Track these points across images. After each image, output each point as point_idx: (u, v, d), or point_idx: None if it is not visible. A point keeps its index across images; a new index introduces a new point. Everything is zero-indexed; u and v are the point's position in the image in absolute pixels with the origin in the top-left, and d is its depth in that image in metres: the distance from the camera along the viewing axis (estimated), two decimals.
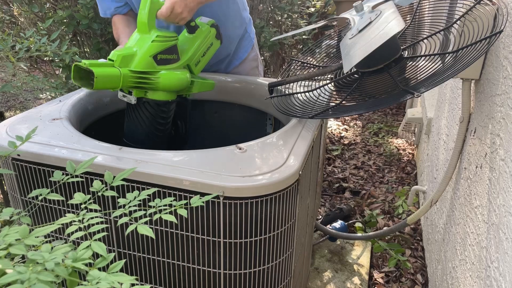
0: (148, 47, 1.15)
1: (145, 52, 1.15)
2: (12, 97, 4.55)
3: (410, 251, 2.06)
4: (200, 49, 1.34)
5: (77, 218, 0.56)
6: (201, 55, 1.36)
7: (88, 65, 1.03)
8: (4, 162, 1.01)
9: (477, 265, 1.06)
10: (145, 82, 1.16)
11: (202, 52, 1.36)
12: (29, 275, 0.41)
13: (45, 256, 0.44)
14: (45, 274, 0.42)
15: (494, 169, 0.98)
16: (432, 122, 2.26)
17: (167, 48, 1.20)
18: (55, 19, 2.28)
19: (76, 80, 1.07)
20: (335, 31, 1.56)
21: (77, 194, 0.63)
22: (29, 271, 0.41)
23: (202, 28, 1.35)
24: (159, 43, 1.17)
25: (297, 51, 3.84)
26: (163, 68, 1.19)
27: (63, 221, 0.54)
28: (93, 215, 0.56)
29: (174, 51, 1.23)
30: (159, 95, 1.22)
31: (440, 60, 1.09)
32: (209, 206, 0.87)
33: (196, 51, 1.33)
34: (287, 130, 1.11)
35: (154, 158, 0.92)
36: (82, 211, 0.58)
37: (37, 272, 0.42)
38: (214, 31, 1.39)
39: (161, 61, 1.18)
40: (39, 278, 0.41)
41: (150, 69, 1.16)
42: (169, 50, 1.21)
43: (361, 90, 1.19)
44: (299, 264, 1.20)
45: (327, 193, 2.63)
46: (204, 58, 1.37)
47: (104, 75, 1.05)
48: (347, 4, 4.04)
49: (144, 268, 1.00)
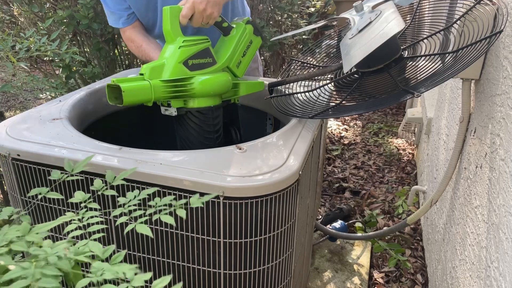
0: (176, 54, 1.11)
1: (175, 59, 1.10)
2: (12, 97, 4.55)
3: (410, 251, 2.05)
4: (238, 49, 1.27)
5: (77, 217, 0.56)
6: (241, 55, 1.29)
7: (116, 82, 1.01)
8: (4, 162, 1.01)
9: (477, 265, 1.06)
10: (180, 91, 1.11)
11: (241, 52, 1.29)
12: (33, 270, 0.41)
13: (47, 251, 0.44)
14: (49, 268, 0.42)
15: (494, 169, 0.98)
16: (432, 122, 2.26)
17: (197, 52, 1.14)
18: (55, 19, 2.28)
19: (111, 100, 1.05)
20: (335, 31, 1.56)
21: (78, 193, 0.62)
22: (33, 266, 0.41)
23: (237, 27, 1.29)
24: (187, 48, 1.12)
25: (297, 51, 3.84)
26: (197, 73, 1.14)
27: (63, 219, 0.54)
28: (92, 214, 0.56)
29: (208, 54, 1.17)
30: (200, 102, 1.16)
31: (440, 60, 1.09)
32: (209, 206, 0.87)
33: (234, 52, 1.26)
34: (287, 130, 1.11)
35: (154, 158, 0.92)
36: (82, 210, 0.58)
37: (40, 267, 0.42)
38: (251, 27, 1.31)
39: (193, 67, 1.13)
40: (43, 273, 0.41)
41: (183, 76, 1.11)
42: (201, 54, 1.15)
43: (361, 90, 1.19)
44: (299, 264, 1.20)
45: (327, 193, 2.63)
46: (246, 58, 1.30)
47: (132, 88, 1.02)
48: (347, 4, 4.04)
49: (144, 268, 1.00)
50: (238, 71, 1.28)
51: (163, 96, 1.09)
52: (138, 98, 1.04)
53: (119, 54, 2.78)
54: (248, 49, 1.31)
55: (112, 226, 0.97)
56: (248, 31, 1.30)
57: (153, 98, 1.06)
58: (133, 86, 1.03)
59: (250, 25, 1.31)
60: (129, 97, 1.01)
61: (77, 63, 2.56)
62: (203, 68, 1.16)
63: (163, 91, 1.08)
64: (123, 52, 2.81)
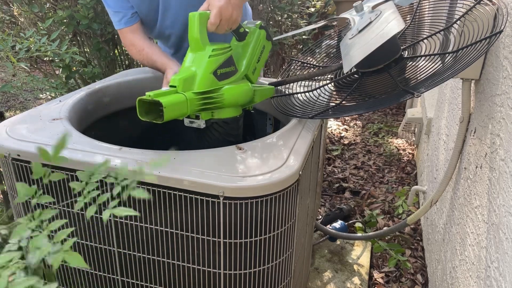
0: (206, 64, 1.06)
1: (205, 70, 1.06)
2: (12, 97, 4.55)
3: (410, 251, 2.06)
4: (254, 55, 1.25)
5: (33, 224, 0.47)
6: (256, 61, 1.26)
7: (153, 96, 0.94)
8: (4, 162, 1.01)
9: (477, 265, 1.06)
10: (211, 102, 1.07)
11: (256, 57, 1.26)
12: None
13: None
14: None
15: (494, 169, 0.98)
16: (432, 122, 2.26)
17: (224, 61, 1.11)
18: (55, 19, 2.28)
19: (142, 115, 0.97)
20: (335, 31, 1.56)
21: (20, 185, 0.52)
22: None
23: (251, 32, 1.26)
24: (217, 57, 1.09)
25: (297, 51, 3.84)
26: (224, 83, 1.10)
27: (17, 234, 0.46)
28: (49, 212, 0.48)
29: (232, 62, 1.14)
30: (226, 112, 1.13)
31: (440, 60, 1.09)
32: (209, 206, 0.87)
33: (251, 58, 1.24)
34: (287, 130, 1.11)
35: (154, 158, 0.92)
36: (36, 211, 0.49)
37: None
38: (264, 32, 1.28)
39: (221, 76, 1.10)
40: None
41: (213, 87, 1.07)
42: (227, 63, 1.12)
43: (361, 90, 1.19)
44: (299, 264, 1.20)
45: (327, 193, 2.63)
46: (259, 63, 1.27)
47: (172, 103, 0.96)
48: (347, 4, 4.04)
49: (144, 268, 1.00)
50: (253, 77, 1.25)
51: (195, 109, 1.04)
52: (176, 113, 0.98)
53: (119, 54, 2.78)
54: (262, 55, 1.28)
55: (112, 227, 0.97)
56: (262, 36, 1.27)
57: (188, 112, 1.01)
58: (173, 101, 0.96)
59: (263, 30, 1.28)
60: (169, 113, 0.94)
61: (77, 63, 2.56)
62: (229, 77, 1.12)
63: (196, 104, 1.03)
64: (123, 52, 2.81)
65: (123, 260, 1.01)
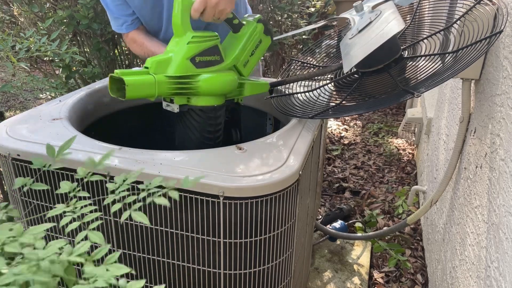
0: (184, 50, 1.07)
1: (181, 55, 1.07)
2: (12, 97, 4.55)
3: (410, 251, 2.06)
4: (247, 47, 1.23)
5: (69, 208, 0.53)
6: (249, 54, 1.24)
7: (119, 74, 0.98)
8: (4, 162, 1.01)
9: (477, 265, 1.06)
10: (185, 88, 1.08)
11: (250, 51, 1.24)
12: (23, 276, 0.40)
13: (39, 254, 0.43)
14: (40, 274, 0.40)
15: (494, 169, 0.98)
16: (432, 122, 2.26)
17: (206, 49, 1.10)
18: (55, 19, 2.28)
19: (113, 92, 1.02)
20: (335, 31, 1.56)
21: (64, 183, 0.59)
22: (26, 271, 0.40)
23: (247, 25, 1.25)
24: (196, 44, 1.09)
25: (297, 51, 3.84)
26: (204, 71, 1.10)
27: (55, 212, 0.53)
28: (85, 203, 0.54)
29: (216, 52, 1.14)
30: (203, 100, 1.13)
31: (440, 60, 1.09)
32: (209, 206, 0.87)
33: (243, 50, 1.22)
34: (287, 130, 1.11)
35: (154, 158, 0.92)
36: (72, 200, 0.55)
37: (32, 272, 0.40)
38: (261, 26, 1.26)
39: (200, 64, 1.10)
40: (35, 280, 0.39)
41: (189, 73, 1.08)
42: (209, 51, 1.12)
43: (361, 90, 1.19)
44: (299, 264, 1.20)
45: (327, 193, 2.63)
46: (254, 57, 1.26)
47: (136, 83, 0.99)
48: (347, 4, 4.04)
49: (144, 268, 1.00)
50: (244, 70, 1.25)
51: (166, 92, 1.07)
52: (141, 93, 1.01)
53: (119, 54, 2.78)
54: (257, 49, 1.27)
55: (112, 227, 0.97)
56: (258, 29, 1.26)
57: (156, 94, 1.04)
58: (137, 80, 0.99)
59: (261, 23, 1.27)
60: (132, 92, 0.98)
61: (77, 63, 2.56)
62: (210, 66, 1.12)
63: (167, 87, 1.05)
64: (123, 52, 2.81)
65: (123, 260, 1.01)
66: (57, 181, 0.96)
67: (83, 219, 0.52)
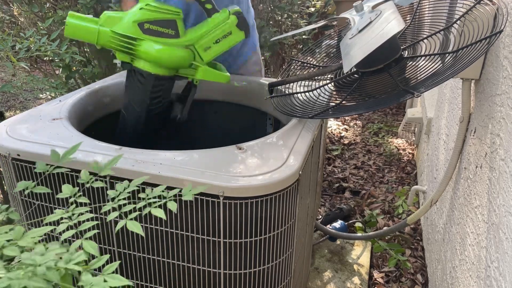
0: (134, 13, 1.17)
1: (130, 17, 1.16)
2: (12, 97, 4.55)
3: (410, 251, 2.06)
4: (211, 33, 1.26)
5: (66, 215, 0.54)
6: (213, 41, 1.27)
7: (70, 15, 1.13)
8: (4, 162, 1.01)
9: (477, 265, 1.06)
10: (126, 47, 1.18)
11: (214, 38, 1.27)
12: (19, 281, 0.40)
13: (36, 260, 0.43)
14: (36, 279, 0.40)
15: (494, 169, 0.99)
16: (432, 122, 2.26)
17: (158, 19, 1.18)
18: (55, 19, 2.28)
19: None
20: (335, 31, 1.56)
21: (65, 186, 0.60)
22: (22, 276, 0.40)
23: (220, 13, 1.28)
24: (147, 12, 1.17)
25: (297, 51, 3.84)
26: (151, 38, 1.18)
27: (52, 218, 0.53)
28: (82, 210, 0.55)
29: (172, 26, 1.20)
30: (144, 65, 1.21)
31: (440, 60, 1.09)
32: (209, 206, 0.87)
33: (206, 35, 1.25)
34: (287, 130, 1.11)
35: (154, 158, 0.92)
36: (71, 205, 0.56)
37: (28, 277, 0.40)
38: (234, 18, 1.28)
39: (149, 31, 1.17)
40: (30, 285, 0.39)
41: (133, 35, 1.16)
42: (163, 23, 1.18)
43: (361, 90, 1.19)
44: (299, 264, 1.20)
45: (327, 193, 2.63)
46: (218, 45, 1.28)
47: (77, 26, 1.13)
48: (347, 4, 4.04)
49: (144, 268, 1.00)
50: (204, 55, 1.27)
51: (108, 45, 1.17)
52: (79, 36, 1.15)
53: None
54: (225, 39, 1.29)
55: (112, 227, 0.97)
56: (230, 20, 1.28)
57: (97, 43, 1.16)
58: (78, 24, 1.14)
59: (235, 16, 1.29)
60: (70, 31, 1.13)
61: (77, 63, 2.56)
62: (159, 36, 1.19)
63: (109, 41, 1.16)
64: None
65: (123, 259, 1.01)
66: (58, 181, 0.96)
67: (79, 227, 0.53)
